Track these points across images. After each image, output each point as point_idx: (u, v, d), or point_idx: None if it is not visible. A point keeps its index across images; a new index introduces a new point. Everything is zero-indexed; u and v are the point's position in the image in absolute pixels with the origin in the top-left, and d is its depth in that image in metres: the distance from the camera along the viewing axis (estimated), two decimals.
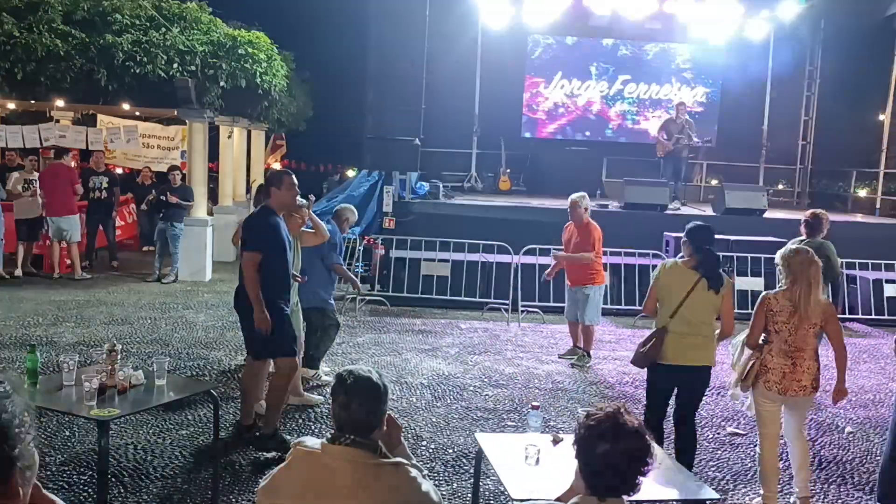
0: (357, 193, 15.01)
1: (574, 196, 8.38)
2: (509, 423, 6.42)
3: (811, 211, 7.78)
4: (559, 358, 8.56)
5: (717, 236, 11.58)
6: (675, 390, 5.18)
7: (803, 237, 7.42)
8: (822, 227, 7.48)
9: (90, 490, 4.77)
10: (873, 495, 5.27)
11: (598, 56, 17.01)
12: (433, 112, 14.03)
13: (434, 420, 6.43)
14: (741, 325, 5.26)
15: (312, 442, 2.77)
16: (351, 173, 17.58)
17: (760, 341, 4.90)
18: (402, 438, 3.01)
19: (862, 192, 17.49)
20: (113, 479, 4.90)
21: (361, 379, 2.75)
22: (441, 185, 14.38)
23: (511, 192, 15.82)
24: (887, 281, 11.10)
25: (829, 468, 5.81)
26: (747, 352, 5.00)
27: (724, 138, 17.24)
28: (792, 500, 5.09)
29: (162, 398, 4.42)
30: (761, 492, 5.00)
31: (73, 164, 12.61)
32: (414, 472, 2.73)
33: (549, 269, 8.80)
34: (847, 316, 10.82)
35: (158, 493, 4.82)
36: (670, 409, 5.30)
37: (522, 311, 10.53)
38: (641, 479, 2.47)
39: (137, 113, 15.36)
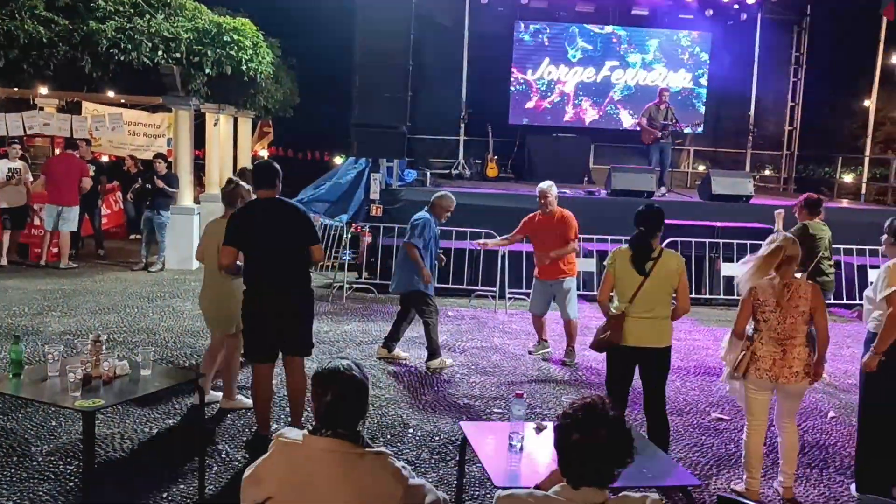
0: (344, 181, 14.96)
1: (543, 185, 8.02)
2: (496, 410, 6.46)
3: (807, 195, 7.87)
4: (530, 355, 8.21)
5: (703, 223, 11.73)
6: (639, 374, 5.24)
7: (811, 220, 7.49)
8: (821, 207, 7.58)
9: (77, 480, 4.77)
10: (853, 479, 5.33)
11: (586, 42, 16.98)
12: (420, 99, 14.00)
13: (421, 407, 6.46)
14: (727, 311, 5.30)
15: (294, 434, 2.79)
16: (338, 160, 17.53)
17: (750, 330, 4.94)
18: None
19: (848, 178, 17.60)
20: (99, 469, 4.90)
21: (344, 377, 2.76)
22: (428, 173, 14.38)
23: (498, 179, 15.81)
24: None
25: (812, 453, 5.87)
26: (736, 343, 5.03)
27: (711, 124, 17.30)
28: (774, 485, 5.14)
29: (147, 388, 4.41)
30: (744, 477, 5.05)
31: (75, 154, 12.60)
32: (397, 462, 2.75)
33: (483, 242, 8.81)
34: (832, 301, 10.88)
35: (145, 483, 4.83)
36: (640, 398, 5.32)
37: (510, 298, 10.56)
38: (619, 470, 2.48)
39: (122, 101, 15.25)
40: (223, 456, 5.30)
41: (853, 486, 5.18)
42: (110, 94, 12.98)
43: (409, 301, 7.68)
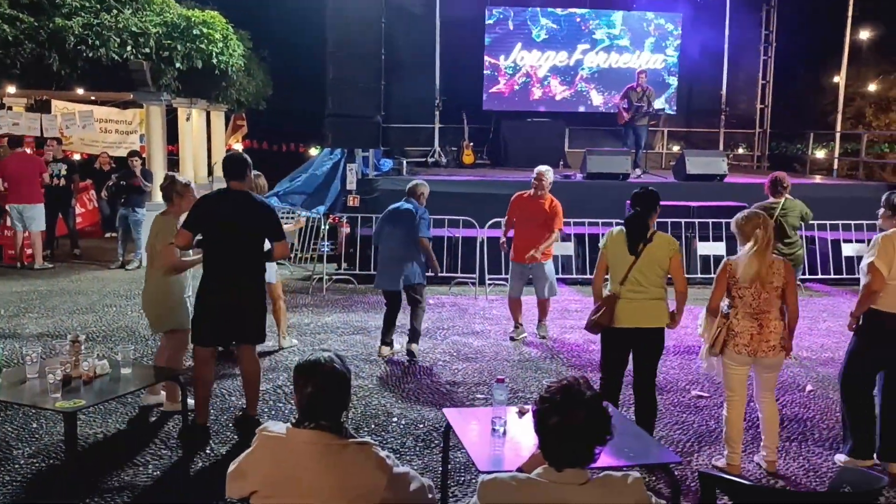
0: (320, 172, 14.90)
1: (542, 168, 8.03)
2: (479, 396, 6.49)
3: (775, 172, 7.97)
4: (511, 341, 8.19)
5: (679, 203, 11.80)
6: (631, 355, 5.27)
7: (769, 198, 7.60)
8: (781, 187, 7.64)
9: (60, 481, 4.75)
10: (833, 451, 5.44)
11: (557, 26, 16.97)
12: (394, 88, 13.96)
13: (404, 396, 6.48)
14: (704, 290, 5.35)
15: (277, 427, 2.80)
16: (314, 152, 17.46)
17: (725, 307, 4.99)
18: None
19: (820, 154, 17.79)
20: (82, 470, 4.88)
21: (325, 370, 2.77)
22: (404, 161, 14.35)
23: (475, 166, 15.82)
24: (845, 241, 11.31)
25: (791, 426, 5.96)
26: (712, 319, 5.08)
27: (684, 105, 17.39)
28: (756, 459, 5.22)
29: (128, 387, 4.40)
30: (725, 452, 5.12)
31: (27, 150, 12.43)
32: (381, 451, 2.77)
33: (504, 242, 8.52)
34: (807, 276, 11.02)
35: (130, 482, 4.81)
36: (631, 379, 5.37)
37: (489, 285, 10.60)
38: (599, 449, 2.52)
39: (93, 97, 15.09)
40: (208, 451, 5.30)
41: (837, 456, 5.28)
42: (79, 91, 12.85)
43: (406, 293, 7.54)
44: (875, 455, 5.15)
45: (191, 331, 5.57)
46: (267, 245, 5.56)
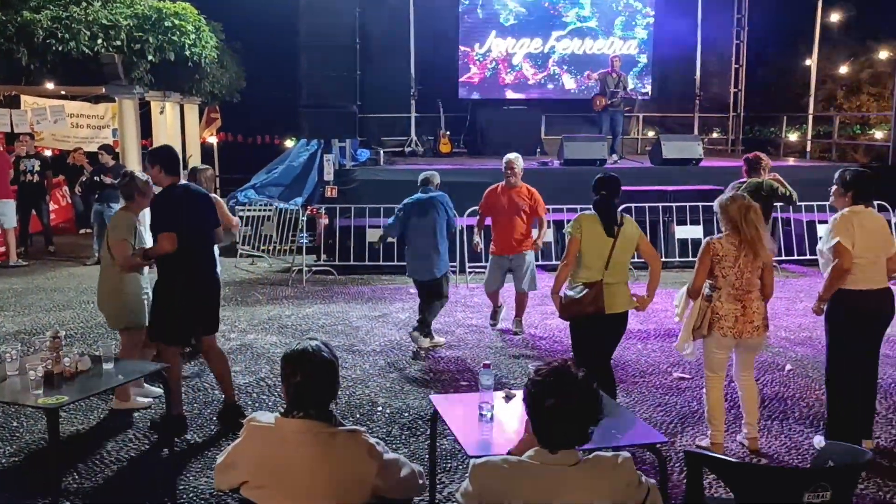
0: (297, 164, 14.84)
1: (510, 156, 7.87)
2: (463, 383, 6.51)
3: (753, 152, 8.05)
4: (493, 329, 8.14)
5: (655, 188, 11.88)
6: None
7: (744, 179, 7.67)
8: (760, 167, 7.73)
9: (42, 479, 4.70)
10: (813, 429, 5.51)
11: (530, 12, 16.94)
12: (369, 77, 13.87)
13: (388, 385, 6.48)
14: (682, 273, 5.39)
15: (266, 417, 2.79)
16: (289, 143, 17.35)
17: (707, 289, 5.02)
18: None
19: (793, 137, 17.95)
20: (66, 466, 4.83)
21: (315, 359, 2.76)
22: (381, 151, 14.29)
23: (452, 155, 15.79)
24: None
25: (772, 405, 6.03)
26: (692, 302, 5.11)
27: (659, 90, 17.46)
28: (739, 438, 5.28)
29: (111, 382, 4.36)
30: (709, 432, 5.17)
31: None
32: (371, 439, 2.77)
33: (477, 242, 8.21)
34: (783, 257, 11.14)
35: (115, 477, 4.78)
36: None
37: (470, 272, 10.61)
38: (592, 428, 2.54)
39: (63, 92, 14.85)
40: (192, 444, 5.27)
41: (816, 438, 5.33)
42: (50, 85, 12.65)
43: (431, 285, 7.43)
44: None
45: (154, 330, 5.47)
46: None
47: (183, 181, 5.53)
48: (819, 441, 5.27)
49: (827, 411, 5.28)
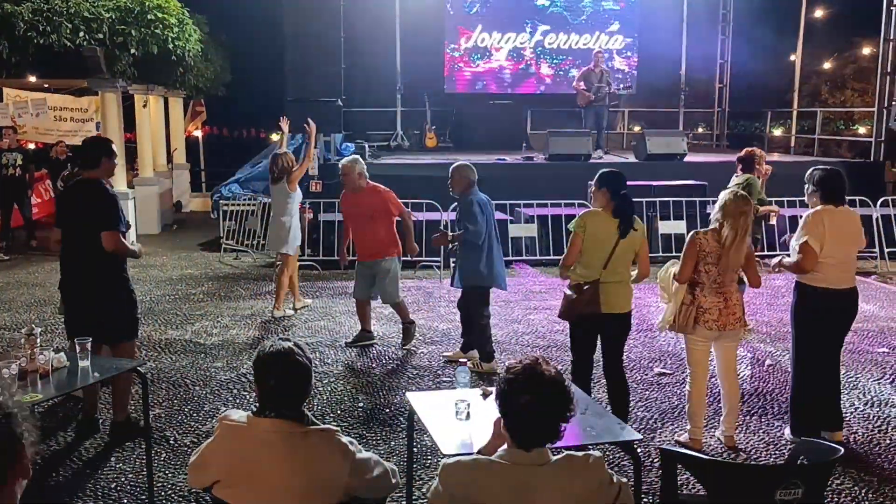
0: None
1: (343, 162, 7.30)
2: (445, 379, 6.50)
3: (746, 148, 8.12)
4: (347, 346, 7.36)
5: (640, 183, 11.91)
6: (600, 338, 5.28)
7: (738, 174, 7.73)
8: (754, 163, 7.81)
9: None
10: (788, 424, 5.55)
11: (517, 6, 16.92)
12: (355, 71, 13.83)
13: (370, 381, 6.48)
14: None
15: (238, 416, 2.78)
16: (275, 137, 17.28)
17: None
18: None
19: (777, 132, 18.04)
20: (41, 466, 4.81)
21: (287, 360, 2.74)
22: (367, 146, 14.25)
23: (438, 149, 15.76)
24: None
25: (751, 400, 6.06)
26: (678, 287, 5.10)
27: (644, 85, 17.48)
28: (717, 434, 5.31)
29: (87, 379, 4.32)
30: (688, 428, 5.20)
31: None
32: (344, 438, 2.76)
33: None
34: (766, 252, 11.17)
35: (91, 474, 4.76)
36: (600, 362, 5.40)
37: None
38: (564, 426, 2.54)
39: (45, 85, 14.74)
40: (171, 442, 5.25)
41: (787, 431, 5.39)
42: (32, 78, 12.55)
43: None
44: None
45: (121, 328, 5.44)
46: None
47: (94, 176, 5.34)
48: (788, 434, 5.34)
49: (790, 403, 5.35)
